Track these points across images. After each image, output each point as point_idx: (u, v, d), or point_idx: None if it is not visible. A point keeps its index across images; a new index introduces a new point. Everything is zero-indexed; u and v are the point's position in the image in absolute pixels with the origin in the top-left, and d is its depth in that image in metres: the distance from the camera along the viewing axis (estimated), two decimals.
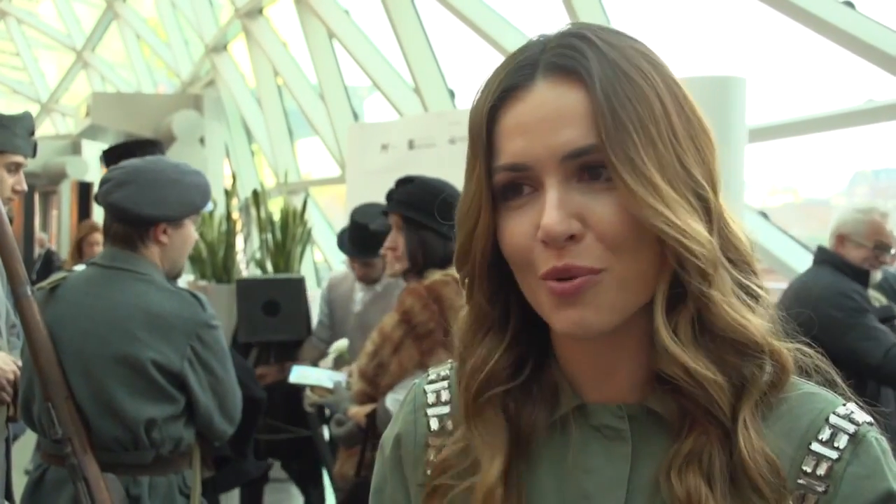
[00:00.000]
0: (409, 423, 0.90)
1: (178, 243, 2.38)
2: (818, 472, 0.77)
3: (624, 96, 0.75)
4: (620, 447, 0.80)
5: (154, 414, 2.24)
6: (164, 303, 2.28)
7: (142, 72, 13.92)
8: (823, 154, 5.73)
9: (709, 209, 0.77)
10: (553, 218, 0.74)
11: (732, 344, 0.77)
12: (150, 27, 13.01)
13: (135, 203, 2.29)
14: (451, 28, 8.57)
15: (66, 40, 15.88)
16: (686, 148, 0.77)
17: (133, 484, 2.24)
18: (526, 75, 0.78)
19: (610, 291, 0.75)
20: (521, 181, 0.78)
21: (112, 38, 14.69)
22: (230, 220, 6.87)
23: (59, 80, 17.53)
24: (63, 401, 2.20)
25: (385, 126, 5.48)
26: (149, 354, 2.22)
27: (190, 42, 11.67)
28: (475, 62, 8.05)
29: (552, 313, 0.77)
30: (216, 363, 2.32)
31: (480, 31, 5.55)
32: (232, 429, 2.41)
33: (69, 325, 2.26)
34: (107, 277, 2.32)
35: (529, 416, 0.82)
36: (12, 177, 2.49)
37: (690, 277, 0.75)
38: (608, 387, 0.82)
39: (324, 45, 7.73)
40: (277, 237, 6.27)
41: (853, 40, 3.67)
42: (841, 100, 6.17)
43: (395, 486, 0.90)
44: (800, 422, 0.79)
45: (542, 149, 0.76)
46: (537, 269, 0.76)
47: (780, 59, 5.98)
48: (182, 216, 2.36)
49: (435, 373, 0.92)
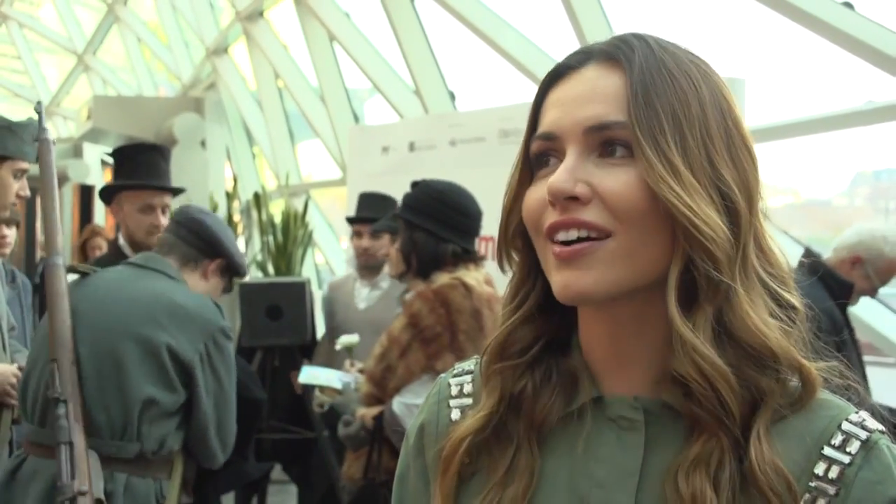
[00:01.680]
0: (433, 414, 0.93)
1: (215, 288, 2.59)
2: (830, 476, 0.78)
3: (661, 87, 0.79)
4: (634, 437, 0.82)
5: (155, 395, 2.27)
6: (188, 299, 2.40)
7: (143, 75, 13.93)
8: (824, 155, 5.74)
9: (735, 212, 0.78)
10: (560, 177, 0.78)
11: (751, 353, 0.78)
12: (150, 30, 13.02)
13: (220, 234, 2.57)
14: (452, 30, 8.59)
15: (68, 44, 15.89)
16: (718, 150, 0.79)
17: (110, 479, 2.25)
18: (579, 60, 0.84)
19: (610, 260, 0.77)
20: (549, 151, 0.82)
21: (113, 42, 14.69)
22: (232, 222, 6.89)
23: (60, 83, 17.53)
24: (68, 363, 2.24)
25: (386, 128, 5.49)
26: (164, 338, 2.30)
27: (191, 45, 11.68)
28: (475, 64, 8.06)
29: (553, 275, 0.80)
30: (224, 373, 2.39)
31: (480, 33, 5.55)
32: (224, 456, 2.44)
33: (94, 303, 2.34)
34: (140, 273, 2.44)
35: (546, 403, 0.85)
36: (17, 182, 2.54)
37: (702, 260, 0.77)
38: (625, 379, 0.84)
39: (324, 48, 7.74)
40: (279, 239, 6.29)
41: (852, 41, 3.67)
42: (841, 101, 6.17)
43: (416, 474, 0.93)
44: (813, 427, 0.80)
45: (570, 120, 0.80)
46: (543, 229, 0.80)
47: (780, 60, 5.99)
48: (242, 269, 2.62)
49: (461, 367, 0.96)
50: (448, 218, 2.67)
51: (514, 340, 0.87)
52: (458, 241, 2.68)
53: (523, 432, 0.85)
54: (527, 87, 5.38)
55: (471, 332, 2.56)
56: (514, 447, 0.85)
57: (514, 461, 0.84)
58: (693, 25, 5.98)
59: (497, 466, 0.85)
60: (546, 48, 5.36)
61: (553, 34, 6.56)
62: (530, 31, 5.45)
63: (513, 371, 0.86)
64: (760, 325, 0.78)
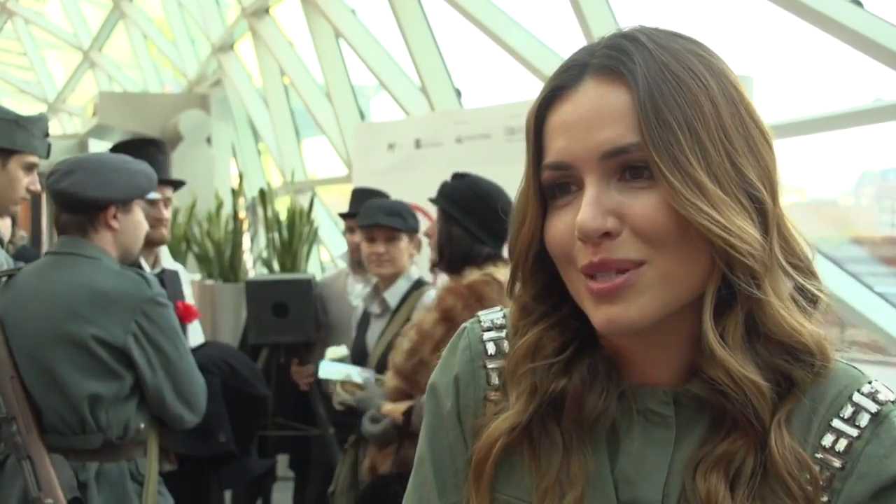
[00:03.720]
0: (468, 374, 0.90)
1: (129, 228, 2.43)
2: (837, 448, 0.76)
3: (670, 96, 0.75)
4: (664, 433, 0.81)
5: (97, 390, 2.26)
6: (108, 281, 2.32)
7: (148, 71, 13.93)
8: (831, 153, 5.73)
9: (764, 211, 0.77)
10: (587, 214, 0.75)
11: (784, 347, 0.77)
12: (156, 27, 13.02)
13: (83, 188, 2.33)
14: (458, 27, 8.57)
15: (73, 40, 15.89)
16: (739, 149, 0.76)
17: (81, 469, 2.27)
18: (573, 76, 0.79)
19: (651, 288, 0.75)
20: (566, 180, 0.79)
21: (119, 38, 14.70)
22: (237, 219, 6.89)
23: (66, 79, 17.54)
24: (8, 380, 2.25)
25: (392, 125, 5.48)
26: (90, 330, 2.26)
27: (196, 41, 11.67)
28: (482, 61, 8.05)
29: (591, 310, 0.78)
30: (165, 341, 2.34)
31: (487, 30, 5.54)
32: (193, 416, 2.41)
33: (17, 308, 2.32)
34: (58, 263, 2.38)
35: (595, 402, 0.82)
36: (27, 176, 2.54)
37: (739, 278, 0.75)
38: (653, 370, 0.82)
39: (330, 45, 7.73)
40: (284, 236, 6.29)
41: (861, 39, 3.65)
42: (849, 99, 6.16)
43: (455, 432, 0.89)
44: (824, 397, 0.78)
45: (581, 147, 0.77)
46: (577, 263, 0.78)
47: (788, 58, 5.96)
48: (129, 198, 2.40)
49: (489, 319, 0.91)
50: (488, 220, 2.66)
51: (546, 342, 0.84)
52: (493, 244, 2.69)
53: (570, 433, 0.82)
54: (533, 83, 5.37)
55: None
56: (563, 450, 0.82)
57: (564, 466, 0.82)
58: (701, 23, 5.96)
59: (544, 471, 0.82)
60: (552, 45, 5.35)
61: (559, 31, 6.56)
62: (537, 29, 5.44)
63: (548, 369, 0.83)
64: (791, 321, 0.77)
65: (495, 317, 0.91)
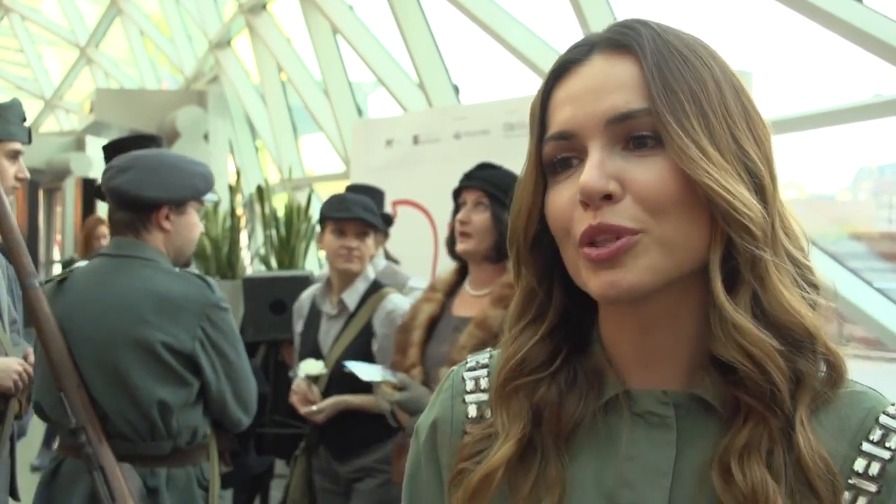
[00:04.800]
0: (447, 410, 0.89)
1: (182, 230, 2.37)
2: (870, 473, 0.76)
3: (676, 69, 0.77)
4: (665, 434, 0.79)
5: (167, 396, 2.22)
6: (171, 285, 2.27)
7: (145, 68, 13.91)
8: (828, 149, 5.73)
9: (762, 188, 0.77)
10: (591, 175, 0.74)
11: (788, 334, 0.76)
12: (153, 23, 13.00)
13: (137, 186, 2.29)
14: (456, 23, 8.56)
15: (70, 37, 15.87)
16: (740, 126, 0.77)
17: (151, 476, 2.24)
18: (582, 52, 0.80)
19: (648, 253, 0.75)
20: (568, 153, 0.79)
21: (115, 35, 14.67)
22: (234, 216, 6.87)
23: (62, 76, 17.52)
24: (75, 389, 2.20)
25: (390, 121, 5.47)
26: (158, 336, 2.22)
27: (193, 38, 11.66)
28: (479, 57, 8.03)
29: (590, 278, 0.76)
30: (227, 346, 2.31)
31: (485, 27, 5.53)
32: (248, 418, 2.40)
33: (78, 313, 2.26)
34: (114, 266, 2.32)
35: (574, 406, 0.81)
36: (13, 165, 2.50)
37: (742, 240, 0.74)
38: (653, 374, 0.81)
39: (328, 41, 7.72)
40: (282, 233, 6.27)
41: (860, 34, 3.65)
42: (848, 94, 6.15)
43: (430, 472, 0.90)
44: (850, 421, 0.77)
45: (587, 115, 0.77)
46: (575, 235, 0.76)
47: (787, 54, 5.96)
48: (184, 199, 2.36)
49: (475, 360, 0.92)
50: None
51: (532, 357, 0.83)
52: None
53: (550, 443, 0.81)
54: (531, 80, 5.36)
55: None
56: (540, 458, 0.81)
57: (542, 473, 0.81)
58: (700, 18, 5.95)
59: (521, 478, 0.81)
60: (551, 41, 5.34)
61: (558, 27, 6.54)
62: (535, 25, 5.43)
63: (534, 385, 0.83)
64: (795, 304, 0.76)
65: (481, 357, 0.92)
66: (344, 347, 3.01)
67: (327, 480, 3.09)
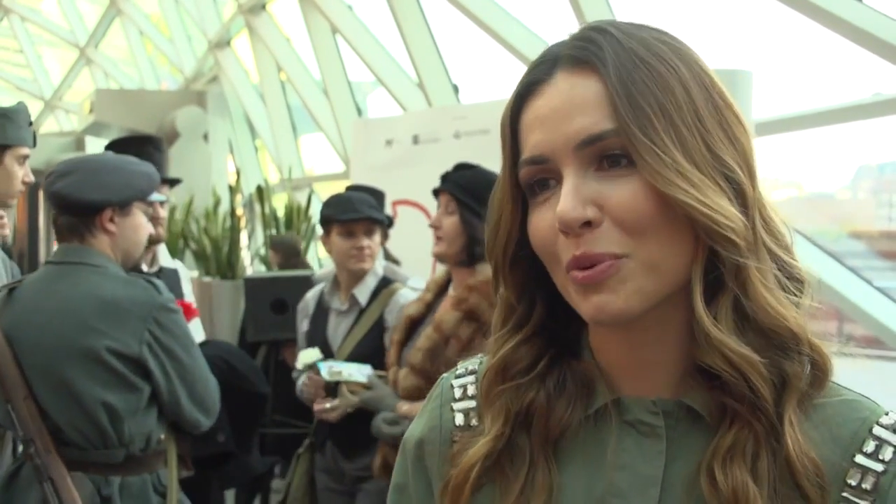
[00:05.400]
0: (435, 419, 0.89)
1: (127, 232, 2.35)
2: (864, 486, 0.75)
3: (641, 82, 0.75)
4: (655, 444, 0.79)
5: (115, 402, 2.20)
6: (117, 290, 2.24)
7: (145, 68, 13.91)
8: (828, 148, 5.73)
9: (742, 192, 0.76)
10: (567, 205, 0.74)
11: (772, 337, 0.76)
12: (152, 23, 13.00)
13: (78, 189, 2.26)
14: (455, 22, 8.56)
15: (70, 37, 15.87)
16: (713, 132, 0.76)
17: (104, 484, 2.21)
18: (544, 70, 0.79)
19: (635, 276, 0.74)
20: (545, 175, 0.78)
21: (115, 35, 14.67)
22: (234, 216, 6.88)
23: (62, 76, 17.52)
24: (22, 401, 2.18)
25: (389, 121, 5.46)
26: (104, 343, 2.19)
27: (193, 38, 11.66)
28: (478, 57, 8.04)
29: (580, 302, 0.76)
30: (178, 348, 2.28)
31: (485, 26, 5.53)
32: (208, 419, 2.36)
33: (24, 323, 2.24)
34: (59, 273, 2.29)
35: (563, 412, 0.81)
36: (21, 169, 2.51)
37: (726, 253, 0.74)
38: (643, 381, 0.81)
39: (327, 41, 7.72)
40: (282, 233, 6.27)
41: (860, 33, 3.65)
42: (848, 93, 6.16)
43: (417, 482, 0.89)
44: (842, 430, 0.77)
45: (557, 138, 0.76)
46: (562, 261, 0.76)
47: (787, 53, 5.96)
48: (128, 200, 2.33)
49: (463, 367, 0.92)
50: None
51: (515, 361, 0.83)
52: None
53: (538, 448, 0.81)
54: None
55: None
56: (528, 463, 0.81)
57: (530, 478, 0.81)
58: (699, 18, 5.95)
59: (510, 484, 0.81)
60: (551, 41, 5.34)
61: (558, 26, 6.55)
62: (534, 24, 5.43)
63: (517, 389, 0.83)
64: (778, 307, 0.75)
65: (470, 364, 0.91)
66: (357, 341, 3.02)
67: (332, 479, 3.09)
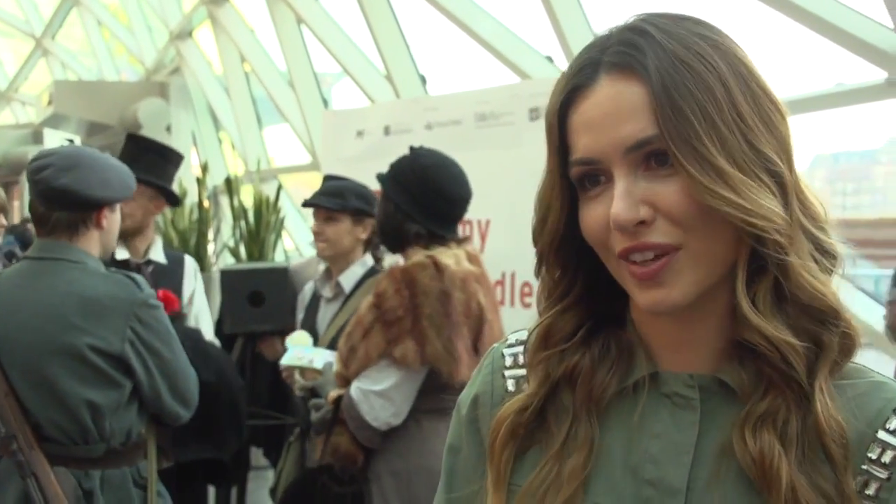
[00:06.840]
0: (487, 385, 0.95)
1: (112, 228, 2.39)
2: (883, 460, 0.80)
3: (683, 85, 0.79)
4: (689, 415, 0.84)
5: (97, 399, 2.21)
6: (98, 286, 2.24)
7: (104, 59, 13.70)
8: None
9: (783, 183, 0.81)
10: (620, 207, 0.79)
11: (810, 311, 0.81)
12: (111, 13, 12.81)
13: (86, 186, 2.26)
14: (422, 14, 8.55)
15: (25, 27, 15.58)
16: (753, 126, 0.80)
17: (85, 478, 2.23)
18: (588, 75, 0.83)
19: (687, 269, 0.80)
20: (595, 172, 0.83)
21: (72, 25, 14.44)
22: (202, 208, 6.83)
23: (17, 68, 17.20)
24: (3, 398, 2.18)
25: (360, 112, 5.45)
26: (85, 340, 2.19)
27: (154, 29, 11.51)
28: (446, 48, 8.04)
29: (636, 293, 0.82)
30: (160, 343, 2.29)
31: (453, 18, 5.54)
32: (187, 411, 2.39)
33: (3, 320, 2.24)
34: (38, 269, 2.29)
35: (603, 378, 0.87)
36: None
37: (769, 251, 0.79)
38: (682, 355, 0.86)
39: (292, 31, 7.68)
40: (251, 225, 6.25)
41: (823, 23, 3.72)
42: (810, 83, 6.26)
43: (470, 446, 0.95)
44: (868, 408, 0.82)
45: (607, 143, 0.81)
46: (615, 250, 0.82)
47: (750, 43, 6.06)
48: (123, 198, 2.38)
49: (514, 337, 0.97)
50: (422, 197, 2.52)
51: (557, 329, 0.89)
52: (428, 222, 2.53)
53: (580, 404, 0.87)
54: (499, 71, 5.39)
55: (435, 317, 2.41)
56: (571, 419, 0.87)
57: (572, 433, 0.87)
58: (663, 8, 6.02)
59: (553, 439, 0.87)
60: (519, 33, 5.38)
61: (526, 18, 6.58)
62: (501, 14, 5.46)
63: (561, 354, 0.89)
64: (817, 284, 0.81)
65: (521, 335, 0.96)
66: (338, 328, 3.01)
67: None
